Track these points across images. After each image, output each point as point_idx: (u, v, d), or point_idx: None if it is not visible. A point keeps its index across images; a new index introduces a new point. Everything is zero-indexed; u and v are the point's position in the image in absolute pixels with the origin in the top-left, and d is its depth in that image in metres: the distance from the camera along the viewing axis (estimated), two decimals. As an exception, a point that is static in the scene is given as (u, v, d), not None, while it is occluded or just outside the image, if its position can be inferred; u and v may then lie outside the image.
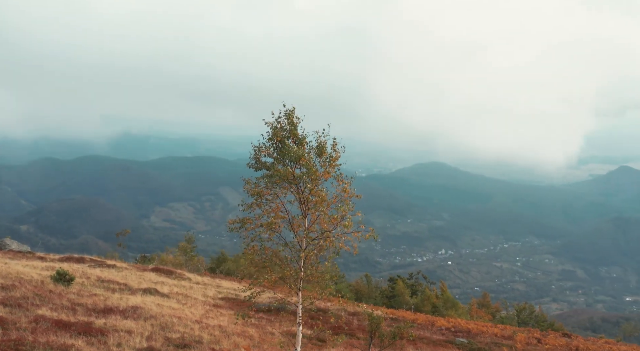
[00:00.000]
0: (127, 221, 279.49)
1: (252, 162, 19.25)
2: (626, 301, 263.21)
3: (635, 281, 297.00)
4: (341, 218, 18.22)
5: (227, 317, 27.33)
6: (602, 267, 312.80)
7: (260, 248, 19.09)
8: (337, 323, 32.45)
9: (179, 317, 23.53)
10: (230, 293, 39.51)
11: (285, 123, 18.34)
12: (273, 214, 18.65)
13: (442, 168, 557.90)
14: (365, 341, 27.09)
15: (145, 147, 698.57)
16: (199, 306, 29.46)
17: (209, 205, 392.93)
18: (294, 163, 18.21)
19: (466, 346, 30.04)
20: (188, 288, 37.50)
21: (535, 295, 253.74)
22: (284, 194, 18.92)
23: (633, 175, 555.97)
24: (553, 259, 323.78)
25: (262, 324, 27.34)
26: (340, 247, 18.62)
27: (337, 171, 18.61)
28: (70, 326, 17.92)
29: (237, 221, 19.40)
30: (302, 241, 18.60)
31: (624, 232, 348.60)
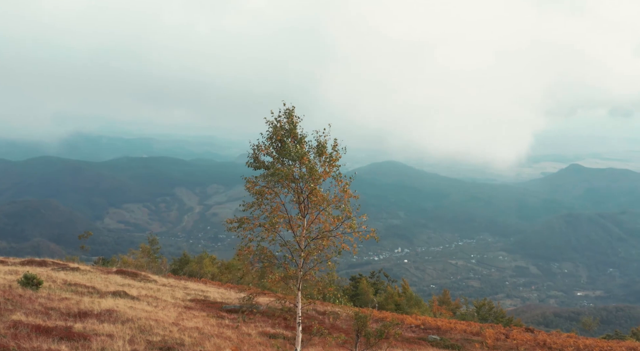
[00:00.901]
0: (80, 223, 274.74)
1: (250, 161, 19.01)
2: (577, 296, 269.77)
3: (585, 276, 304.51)
4: (345, 218, 18.21)
5: (201, 319, 27.11)
6: (554, 263, 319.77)
7: (257, 248, 18.91)
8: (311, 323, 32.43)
9: (156, 320, 23.26)
10: (199, 294, 39.18)
11: (285, 122, 18.26)
12: (274, 215, 18.51)
13: (398, 167, 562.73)
14: (341, 339, 27.20)
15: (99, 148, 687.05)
16: (171, 308, 29.14)
17: (165, 206, 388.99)
18: (294, 162, 18.14)
19: (439, 343, 30.44)
20: (156, 290, 37.03)
21: (490, 291, 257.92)
22: (285, 194, 18.81)
23: (583, 173, 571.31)
24: (507, 256, 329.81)
25: (236, 325, 27.17)
26: (343, 247, 18.61)
27: (336, 171, 18.61)
28: (50, 331, 17.56)
29: (235, 220, 19.23)
30: (301, 241, 18.55)
31: (575, 229, 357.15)
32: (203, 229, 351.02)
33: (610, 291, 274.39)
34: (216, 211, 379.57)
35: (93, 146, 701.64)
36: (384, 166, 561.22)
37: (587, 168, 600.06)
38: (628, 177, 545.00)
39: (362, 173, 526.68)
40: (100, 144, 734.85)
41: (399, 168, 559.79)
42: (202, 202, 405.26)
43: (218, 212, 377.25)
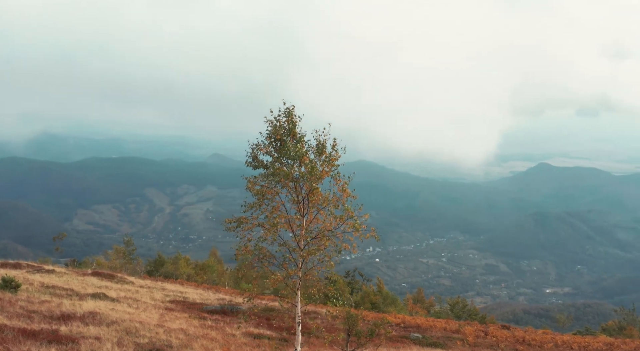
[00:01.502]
0: (48, 225, 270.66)
1: (249, 161, 18.89)
2: (546, 293, 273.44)
3: (554, 273, 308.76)
4: (348, 217, 18.20)
5: (183, 320, 26.97)
6: (523, 261, 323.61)
7: (255, 248, 18.80)
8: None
9: (140, 322, 23.07)
10: (177, 296, 38.95)
11: (285, 121, 18.20)
12: (275, 215, 18.41)
13: (369, 167, 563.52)
14: (325, 339, 27.26)
15: (67, 148, 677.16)
16: (153, 309, 28.93)
17: (134, 207, 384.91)
18: (294, 162, 18.09)
19: (422, 341, 30.67)
20: (134, 292, 36.74)
21: (461, 289, 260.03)
22: (286, 193, 18.72)
23: (551, 172, 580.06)
24: (477, 254, 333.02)
25: (220, 326, 27.09)
26: (344, 247, 18.60)
27: (335, 170, 18.60)
28: (36, 334, 17.32)
29: (233, 220, 19.09)
30: (300, 241, 18.51)
31: (543, 226, 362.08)
32: (174, 230, 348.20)
33: (579, 288, 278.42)
34: (187, 212, 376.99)
35: (61, 146, 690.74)
36: (355, 166, 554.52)
37: (555, 167, 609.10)
38: (595, 175, 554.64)
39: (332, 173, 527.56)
40: (68, 144, 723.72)
41: (371, 168, 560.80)
42: (172, 202, 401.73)
43: (189, 212, 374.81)
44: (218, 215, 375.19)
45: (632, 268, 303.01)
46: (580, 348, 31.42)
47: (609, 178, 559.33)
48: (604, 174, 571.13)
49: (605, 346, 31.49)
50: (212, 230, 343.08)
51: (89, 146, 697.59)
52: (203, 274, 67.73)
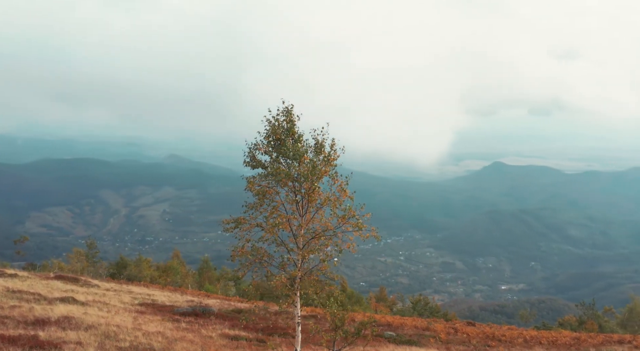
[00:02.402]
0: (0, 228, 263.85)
1: (247, 160, 18.73)
2: (501, 289, 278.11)
3: (509, 270, 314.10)
4: (350, 216, 18.19)
5: (158, 323, 26.70)
6: (478, 258, 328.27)
7: (251, 249, 18.66)
8: (274, 324, 32.51)
9: (117, 325, 22.80)
10: (146, 298, 38.54)
11: (283, 121, 18.13)
12: (276, 215, 18.29)
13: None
14: (303, 339, 27.35)
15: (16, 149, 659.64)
16: (124, 313, 28.55)
17: (89, 209, 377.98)
18: (292, 161, 18.02)
19: (397, 339, 30.95)
20: (101, 295, 36.22)
21: (418, 287, 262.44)
22: (285, 193, 18.60)
23: (505, 170, 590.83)
24: (434, 253, 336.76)
25: (195, 328, 26.90)
26: (347, 247, 18.59)
27: (333, 170, 18.58)
28: (16, 340, 16.96)
29: (231, 220, 18.88)
30: (299, 240, 18.45)
31: (498, 224, 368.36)
32: (130, 232, 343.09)
33: (533, 284, 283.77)
34: (143, 213, 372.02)
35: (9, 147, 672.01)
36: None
37: (509, 166, 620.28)
38: (547, 174, 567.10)
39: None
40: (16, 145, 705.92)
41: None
42: (128, 204, 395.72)
43: (145, 214, 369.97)
44: (175, 216, 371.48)
45: (584, 264, 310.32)
46: (549, 343, 32.19)
47: (561, 176, 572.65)
48: (556, 172, 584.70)
49: (572, 341, 32.33)
50: (169, 232, 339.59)
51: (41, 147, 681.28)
52: (166, 276, 67.13)
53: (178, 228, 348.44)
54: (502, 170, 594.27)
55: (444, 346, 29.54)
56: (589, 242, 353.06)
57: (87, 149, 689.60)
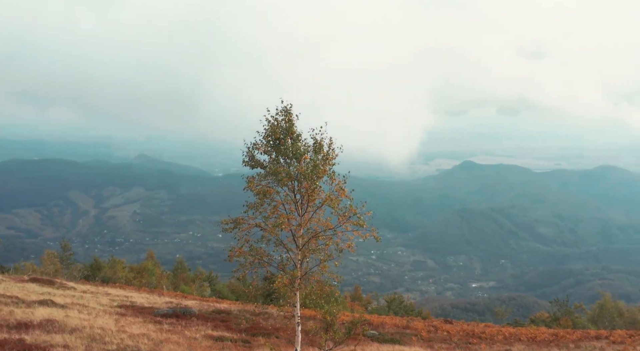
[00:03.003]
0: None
1: (246, 160, 18.61)
2: (472, 287, 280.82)
3: (479, 268, 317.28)
4: (351, 215, 18.15)
5: (140, 325, 26.52)
6: (449, 256, 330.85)
7: (250, 250, 18.54)
8: (252, 324, 32.44)
9: (101, 328, 22.60)
10: (124, 300, 38.21)
11: (282, 120, 18.06)
12: (277, 215, 18.17)
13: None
14: (287, 339, 27.47)
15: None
16: (105, 315, 28.29)
17: (58, 210, 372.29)
18: (291, 160, 17.95)
19: (379, 338, 31.14)
20: (79, 298, 35.82)
21: (390, 285, 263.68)
22: (285, 192, 18.49)
23: (475, 169, 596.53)
24: (405, 251, 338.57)
25: (178, 329, 26.75)
26: (347, 246, 18.55)
27: (330, 169, 18.55)
28: (3, 344, 16.73)
29: (230, 221, 18.75)
30: (298, 240, 18.39)
31: (468, 223, 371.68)
32: (99, 233, 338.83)
33: (503, 282, 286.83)
34: (113, 214, 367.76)
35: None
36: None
37: (479, 165, 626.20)
38: (517, 172, 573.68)
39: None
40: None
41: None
42: (98, 205, 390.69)
43: (115, 215, 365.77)
44: (145, 217, 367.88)
45: (553, 261, 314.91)
46: (528, 339, 32.68)
47: (530, 174, 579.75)
48: (525, 171, 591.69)
49: (551, 337, 32.87)
50: (139, 233, 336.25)
51: (8, 148, 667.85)
52: (141, 277, 66.59)
53: (149, 228, 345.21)
54: (473, 169, 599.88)
55: (426, 344, 29.82)
56: (558, 240, 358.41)
57: (56, 149, 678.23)
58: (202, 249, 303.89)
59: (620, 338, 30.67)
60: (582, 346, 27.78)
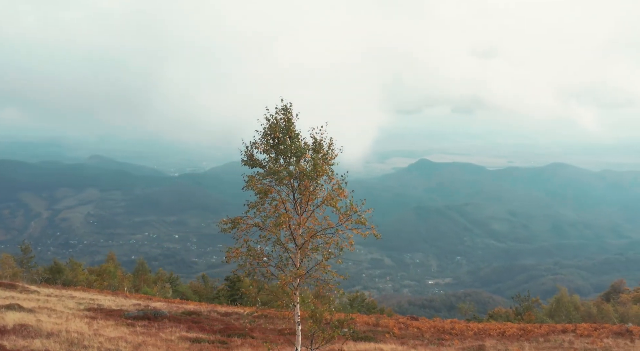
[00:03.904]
0: None
1: (245, 159, 18.44)
2: (428, 284, 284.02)
3: (435, 265, 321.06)
4: (352, 213, 18.13)
5: (113, 328, 26.18)
6: (406, 254, 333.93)
7: (247, 250, 18.35)
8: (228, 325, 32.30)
9: (77, 332, 22.23)
10: (90, 303, 37.61)
11: (281, 119, 17.97)
12: (277, 214, 18.00)
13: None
14: (262, 339, 27.45)
15: None
16: (76, 319, 27.84)
17: (8, 213, 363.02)
18: (290, 159, 17.87)
19: (353, 335, 31.33)
20: (45, 302, 35.12)
21: (348, 283, 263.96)
22: (286, 192, 18.36)
23: (431, 167, 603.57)
24: (363, 250, 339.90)
25: (153, 332, 26.48)
26: (348, 244, 18.51)
27: (329, 169, 18.49)
28: (-18, 350, 16.43)
29: (228, 221, 18.52)
30: (298, 239, 18.29)
31: (424, 220, 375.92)
32: (52, 235, 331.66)
33: (458, 278, 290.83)
34: (66, 216, 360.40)
35: None
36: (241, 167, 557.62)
37: (434, 163, 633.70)
38: (471, 170, 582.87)
39: (220, 172, 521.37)
40: None
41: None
42: (50, 207, 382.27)
43: (68, 217, 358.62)
44: (100, 219, 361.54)
45: (507, 257, 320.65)
46: (498, 334, 33.34)
47: (484, 172, 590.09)
48: (479, 169, 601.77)
49: (520, 332, 33.62)
50: (93, 234, 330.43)
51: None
52: (102, 280, 65.61)
53: (103, 230, 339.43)
54: (428, 167, 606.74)
55: (399, 341, 30.16)
56: (511, 236, 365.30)
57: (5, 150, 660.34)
58: (158, 251, 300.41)
59: (586, 332, 31.58)
60: (551, 340, 28.52)
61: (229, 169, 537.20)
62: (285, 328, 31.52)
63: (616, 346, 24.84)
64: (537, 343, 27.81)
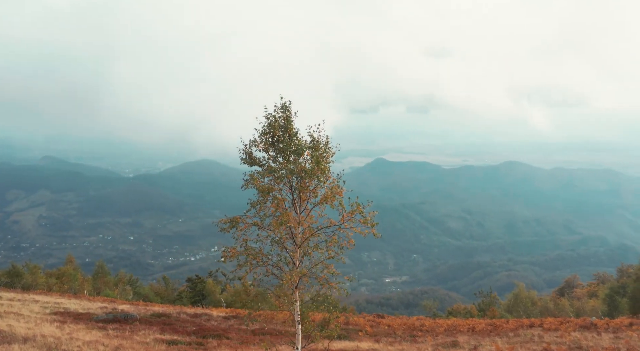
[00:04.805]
0: None
1: (243, 157, 18.28)
2: (386, 282, 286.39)
3: (392, 263, 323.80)
4: (357, 212, 18.13)
5: (85, 332, 25.79)
6: (363, 253, 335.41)
7: (245, 249, 18.18)
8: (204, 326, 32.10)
9: (53, 337, 21.86)
10: (55, 307, 36.94)
11: (280, 117, 17.90)
12: (279, 213, 17.85)
13: (212, 165, 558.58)
14: (238, 340, 27.41)
15: None
16: (46, 323, 27.34)
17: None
18: (295, 156, 17.80)
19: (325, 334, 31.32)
20: (9, 306, 34.37)
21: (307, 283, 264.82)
22: (287, 191, 18.23)
23: (387, 166, 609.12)
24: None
25: (126, 335, 26.16)
26: (351, 242, 18.50)
27: (329, 166, 18.46)
28: (-38, 357, 16.06)
29: (227, 220, 18.33)
30: (297, 238, 18.22)
31: (381, 219, 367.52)
32: (3, 238, 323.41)
33: (415, 276, 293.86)
34: (17, 219, 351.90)
35: None
36: (198, 165, 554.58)
37: (390, 162, 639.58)
38: (427, 169, 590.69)
39: (176, 173, 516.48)
40: None
41: (213, 166, 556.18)
42: (0, 209, 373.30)
43: (20, 219, 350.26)
44: (52, 221, 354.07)
45: (462, 254, 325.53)
46: (468, 330, 33.93)
47: (439, 171, 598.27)
48: (434, 167, 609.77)
49: (489, 327, 34.27)
50: (46, 237, 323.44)
51: None
52: (62, 283, 64.38)
53: (56, 232, 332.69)
54: (384, 166, 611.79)
55: (373, 338, 30.43)
56: (467, 233, 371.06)
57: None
58: (113, 253, 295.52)
59: (553, 326, 32.39)
60: (521, 335, 29.20)
61: (186, 169, 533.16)
62: (257, 328, 31.54)
63: (585, 340, 25.62)
64: (508, 338, 28.44)
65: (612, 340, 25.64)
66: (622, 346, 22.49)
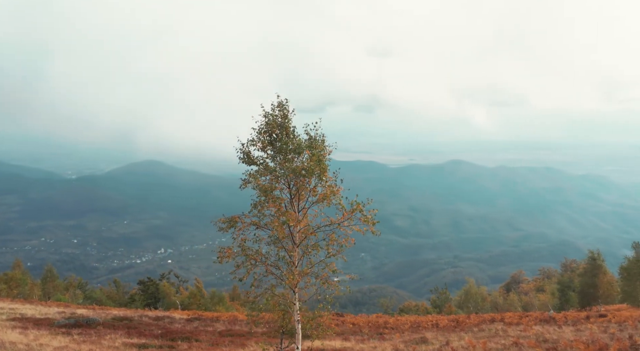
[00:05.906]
0: None
1: (241, 156, 18.02)
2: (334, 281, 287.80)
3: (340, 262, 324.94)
4: (357, 211, 18.06)
5: (50, 337, 25.17)
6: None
7: (242, 249, 17.94)
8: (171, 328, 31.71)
9: (23, 343, 21.35)
10: (11, 313, 35.92)
11: (278, 116, 17.74)
12: (281, 212, 17.63)
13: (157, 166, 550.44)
14: (207, 342, 27.23)
15: None
16: (7, 329, 26.53)
17: None
18: (295, 155, 17.67)
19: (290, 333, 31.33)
20: (-38, 313, 33.39)
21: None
22: (287, 190, 18.04)
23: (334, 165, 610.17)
24: (269, 249, 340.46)
25: (93, 339, 25.67)
26: (351, 242, 18.41)
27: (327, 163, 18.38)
28: None
29: (225, 220, 18.05)
30: (296, 237, 18.08)
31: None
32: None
33: (363, 274, 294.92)
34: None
35: None
36: (143, 166, 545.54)
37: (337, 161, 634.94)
38: (374, 168, 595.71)
39: (120, 173, 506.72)
40: None
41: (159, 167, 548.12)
42: None
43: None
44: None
45: (409, 252, 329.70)
46: (433, 326, 34.48)
47: (386, 170, 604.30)
48: (381, 166, 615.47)
49: (452, 323, 34.94)
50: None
51: None
52: (10, 288, 62.66)
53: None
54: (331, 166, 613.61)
55: (341, 337, 30.63)
56: (413, 231, 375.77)
57: None
58: (55, 256, 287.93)
59: (514, 320, 33.29)
60: (485, 329, 29.86)
61: (130, 170, 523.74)
62: (224, 329, 31.42)
63: (547, 333, 26.37)
64: (473, 332, 29.05)
65: (573, 332, 26.51)
66: (586, 338, 23.30)
